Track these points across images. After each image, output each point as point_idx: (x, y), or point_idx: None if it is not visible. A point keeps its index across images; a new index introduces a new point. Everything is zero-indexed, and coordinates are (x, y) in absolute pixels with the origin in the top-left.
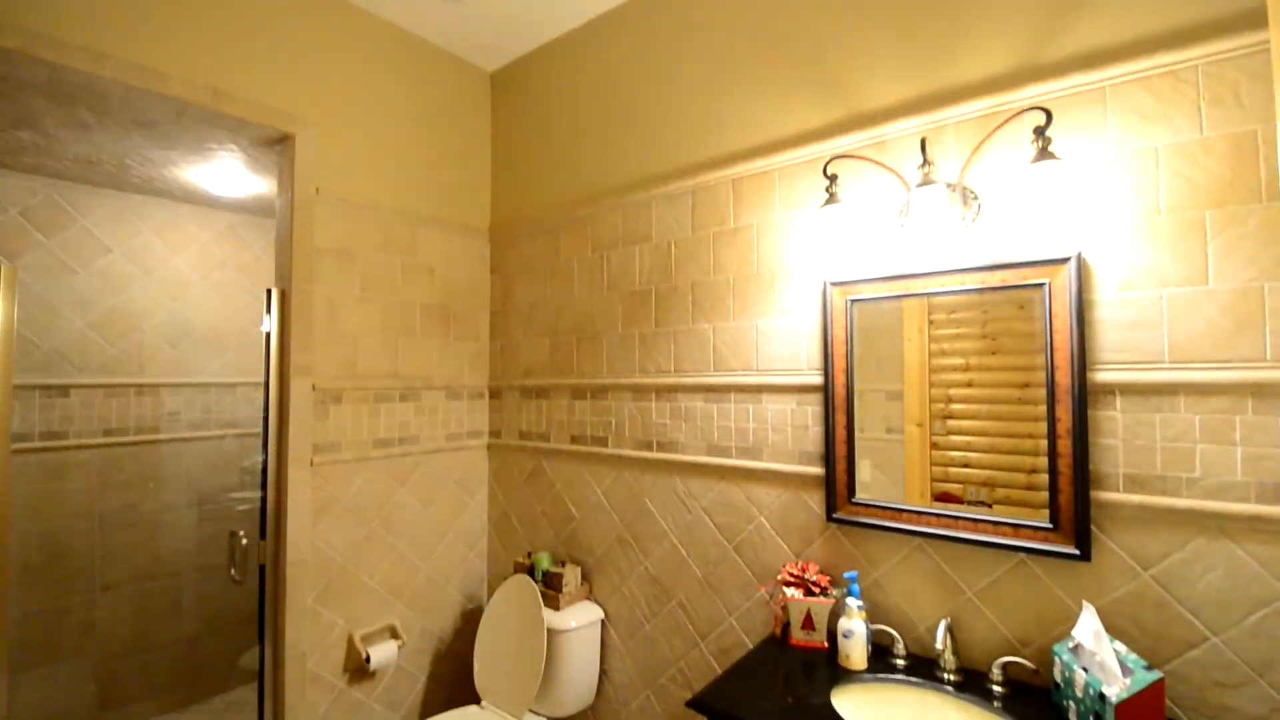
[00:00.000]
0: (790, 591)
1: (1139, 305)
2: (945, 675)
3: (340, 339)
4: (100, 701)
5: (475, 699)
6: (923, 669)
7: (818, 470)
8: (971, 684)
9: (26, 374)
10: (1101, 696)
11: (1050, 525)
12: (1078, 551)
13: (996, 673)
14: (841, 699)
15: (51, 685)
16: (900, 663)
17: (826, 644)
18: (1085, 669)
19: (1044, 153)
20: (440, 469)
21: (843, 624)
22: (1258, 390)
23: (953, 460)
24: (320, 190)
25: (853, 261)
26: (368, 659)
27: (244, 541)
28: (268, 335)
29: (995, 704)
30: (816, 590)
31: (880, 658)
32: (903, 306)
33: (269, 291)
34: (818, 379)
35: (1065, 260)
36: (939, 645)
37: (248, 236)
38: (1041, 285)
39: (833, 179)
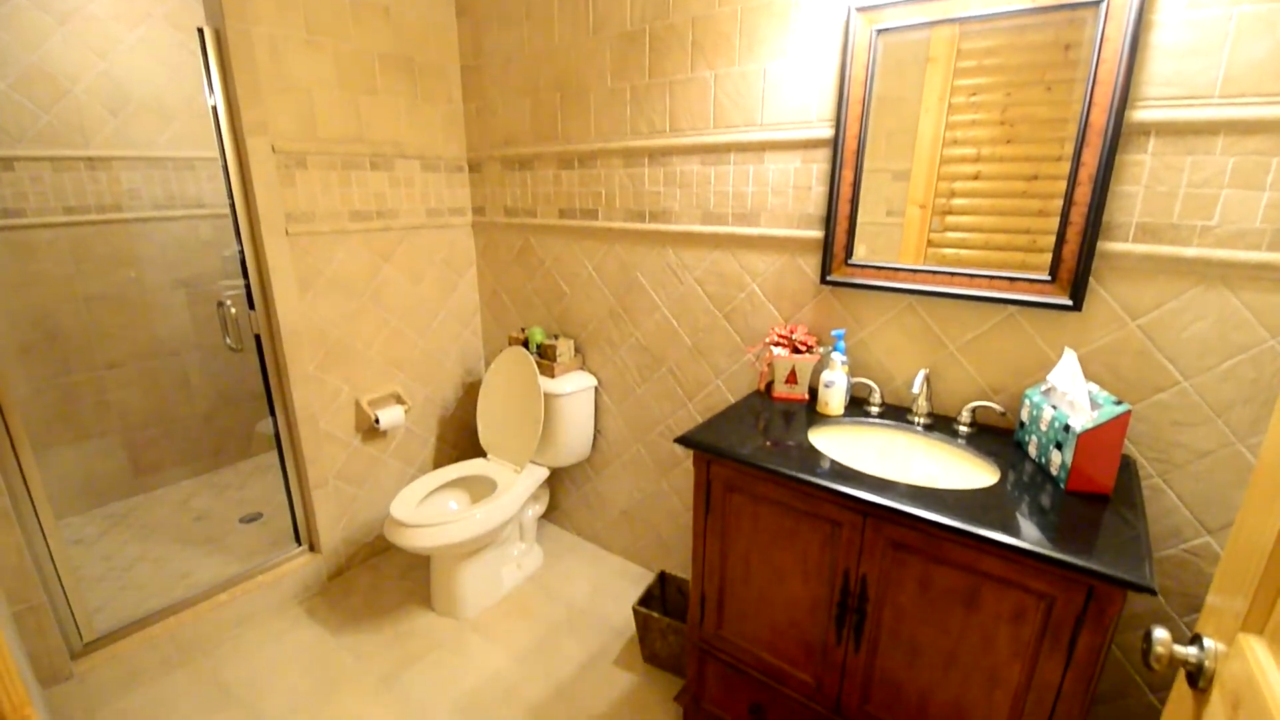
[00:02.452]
0: (777, 351)
1: (1203, 27)
2: (916, 419)
3: (292, 92)
4: (133, 469)
5: (482, 455)
6: (896, 415)
7: (816, 233)
8: (940, 426)
9: None
10: (1066, 428)
11: (1048, 278)
12: (1070, 302)
13: (965, 415)
14: (817, 436)
15: (84, 457)
16: (875, 409)
17: (808, 396)
18: (1054, 407)
19: None
20: (425, 246)
21: (825, 376)
22: None
23: (945, 259)
24: None
25: None
26: (377, 420)
27: (232, 310)
28: (214, 108)
29: (959, 441)
30: (803, 349)
31: (857, 406)
32: (930, 44)
33: (200, 31)
34: (827, 131)
35: None
36: (915, 392)
37: None
38: (1099, 3)
39: None
